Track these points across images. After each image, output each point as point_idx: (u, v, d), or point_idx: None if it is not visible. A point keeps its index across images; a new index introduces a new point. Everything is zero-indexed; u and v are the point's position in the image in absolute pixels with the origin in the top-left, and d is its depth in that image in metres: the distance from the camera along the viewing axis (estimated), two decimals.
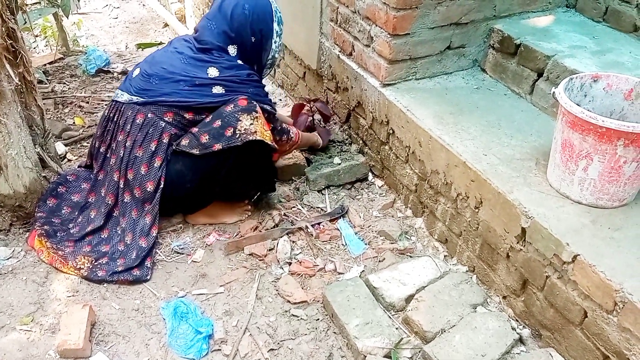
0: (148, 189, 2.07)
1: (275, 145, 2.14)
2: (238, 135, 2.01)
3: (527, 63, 2.23)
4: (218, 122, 2.03)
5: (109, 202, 2.14)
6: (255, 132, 2.02)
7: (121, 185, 2.11)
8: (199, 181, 2.09)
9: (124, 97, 2.11)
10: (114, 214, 2.15)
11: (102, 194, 2.17)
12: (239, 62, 2.16)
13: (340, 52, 2.62)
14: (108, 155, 2.16)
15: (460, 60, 2.44)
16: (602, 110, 1.83)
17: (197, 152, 2.03)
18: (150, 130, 2.05)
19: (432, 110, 2.19)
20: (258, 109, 2.07)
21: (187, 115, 2.07)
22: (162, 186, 2.07)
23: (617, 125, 1.55)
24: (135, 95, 2.08)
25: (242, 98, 2.06)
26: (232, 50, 2.16)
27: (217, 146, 2.01)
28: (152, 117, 2.05)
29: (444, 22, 2.27)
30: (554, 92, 1.75)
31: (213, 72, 2.08)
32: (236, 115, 2.02)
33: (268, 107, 2.16)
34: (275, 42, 2.24)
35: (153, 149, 2.06)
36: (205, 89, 2.06)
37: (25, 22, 2.74)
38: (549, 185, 1.83)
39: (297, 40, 2.95)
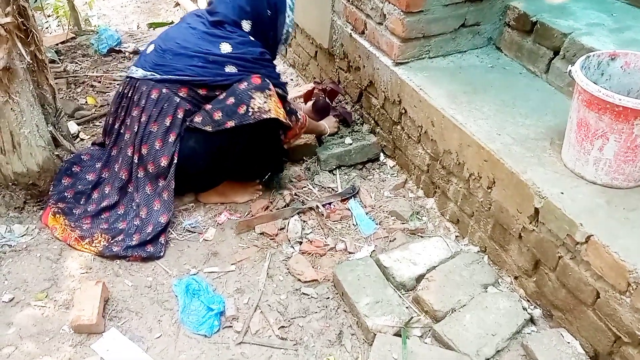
0: (162, 164, 2.08)
1: (290, 123, 2.14)
2: (251, 113, 2.00)
3: (543, 41, 2.19)
4: (231, 100, 2.02)
5: (123, 178, 2.15)
6: (269, 110, 2.02)
7: (135, 161, 2.12)
8: (211, 158, 2.10)
9: (139, 72, 2.11)
10: (129, 190, 2.17)
11: (116, 170, 2.19)
12: (252, 38, 2.13)
13: (352, 30, 2.58)
14: (122, 131, 2.17)
15: (475, 38, 2.40)
16: (620, 89, 1.79)
17: (210, 129, 2.03)
18: (165, 105, 2.06)
19: (445, 89, 2.17)
20: (271, 86, 2.06)
21: (200, 92, 2.07)
22: (175, 162, 2.08)
23: (634, 104, 1.52)
24: (150, 71, 2.08)
25: (256, 76, 2.05)
26: (245, 25, 2.13)
27: (230, 123, 2.01)
28: (166, 93, 2.06)
29: None
30: (570, 71, 1.72)
31: (226, 47, 2.06)
32: (249, 92, 2.01)
33: (280, 91, 2.14)
34: (288, 16, 2.22)
35: (168, 124, 2.06)
36: (218, 66, 2.05)
37: (36, 1, 2.73)
38: (563, 165, 1.80)
39: (309, 19, 2.92)
